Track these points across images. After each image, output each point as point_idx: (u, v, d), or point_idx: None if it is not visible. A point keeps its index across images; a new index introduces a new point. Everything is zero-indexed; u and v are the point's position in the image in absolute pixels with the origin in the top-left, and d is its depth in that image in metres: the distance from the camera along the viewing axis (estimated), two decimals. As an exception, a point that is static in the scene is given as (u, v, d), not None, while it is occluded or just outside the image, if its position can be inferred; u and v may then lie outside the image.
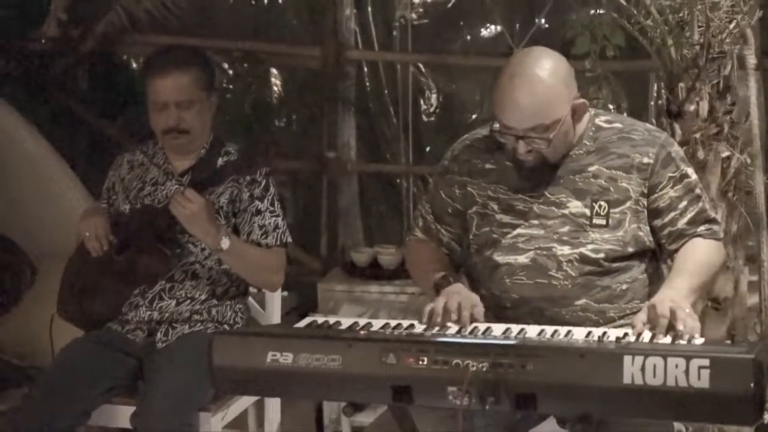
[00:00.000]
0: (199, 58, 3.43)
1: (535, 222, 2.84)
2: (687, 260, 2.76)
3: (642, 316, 2.55)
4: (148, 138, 3.58)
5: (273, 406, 3.66)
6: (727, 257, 3.11)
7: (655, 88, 4.98)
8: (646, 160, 2.82)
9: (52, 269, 3.75)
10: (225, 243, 3.24)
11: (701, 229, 2.83)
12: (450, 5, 5.37)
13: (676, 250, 2.82)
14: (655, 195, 2.82)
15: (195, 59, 3.40)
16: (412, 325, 2.65)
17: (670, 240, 2.83)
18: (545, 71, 2.73)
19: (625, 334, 2.49)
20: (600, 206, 2.81)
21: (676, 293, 2.60)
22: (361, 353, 2.39)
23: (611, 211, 2.81)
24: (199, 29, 5.32)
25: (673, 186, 2.83)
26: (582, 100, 2.79)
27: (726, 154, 3.44)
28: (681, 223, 2.83)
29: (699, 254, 2.79)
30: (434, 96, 5.45)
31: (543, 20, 5.01)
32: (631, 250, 2.82)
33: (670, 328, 2.47)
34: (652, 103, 4.96)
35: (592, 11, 4.31)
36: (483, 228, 2.90)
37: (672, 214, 2.83)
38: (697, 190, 2.87)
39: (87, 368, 3.28)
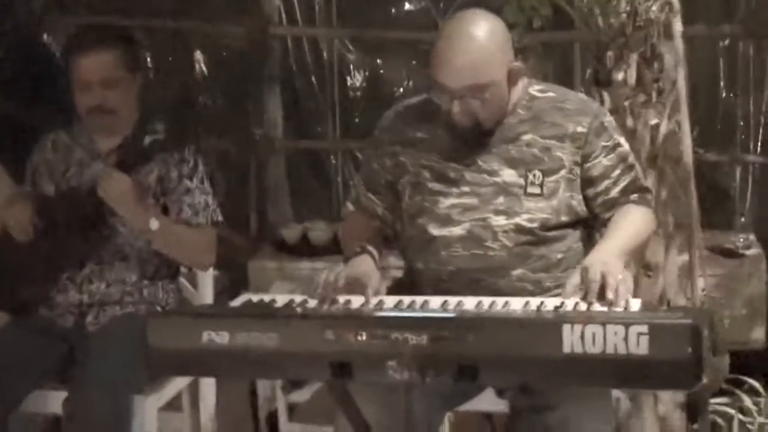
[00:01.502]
0: (122, 36, 3.38)
1: (467, 190, 2.84)
2: (618, 225, 2.78)
3: (574, 280, 2.55)
4: (67, 122, 3.51)
5: (208, 386, 3.62)
6: (657, 223, 3.13)
7: (580, 59, 5.01)
8: (579, 129, 2.83)
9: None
10: (154, 224, 3.19)
11: (633, 197, 2.85)
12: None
13: (609, 219, 2.83)
14: (589, 164, 2.83)
15: (118, 37, 3.35)
16: (348, 301, 2.63)
17: (603, 208, 2.85)
18: (482, 31, 2.73)
19: (563, 303, 2.49)
20: (534, 175, 2.81)
21: (608, 255, 2.59)
22: (298, 330, 2.36)
23: (546, 180, 2.81)
24: (122, 8, 5.22)
25: (606, 155, 2.84)
26: (518, 64, 2.80)
27: (655, 121, 3.46)
28: (614, 192, 2.84)
29: (630, 220, 2.80)
30: (360, 71, 5.43)
31: (468, -8, 5.00)
32: (564, 218, 2.83)
33: (602, 292, 2.47)
34: (578, 74, 5.00)
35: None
36: (415, 197, 2.89)
37: (605, 183, 2.84)
38: (630, 159, 2.88)
39: (16, 354, 3.21)
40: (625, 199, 2.84)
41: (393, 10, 5.36)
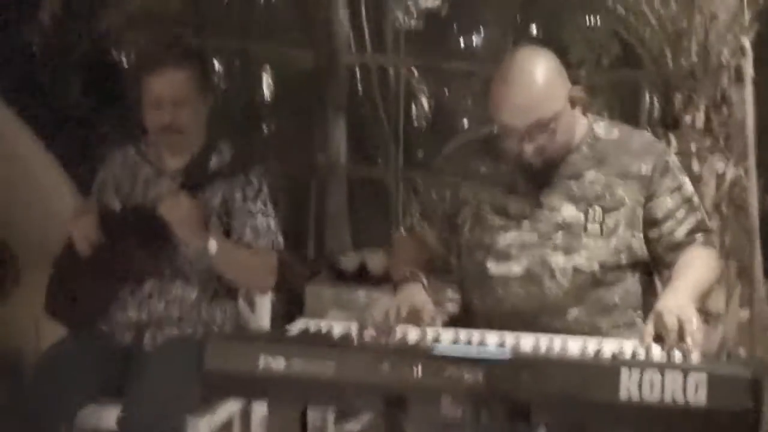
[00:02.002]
0: (194, 55, 3.39)
1: (527, 226, 2.82)
2: (687, 268, 2.74)
3: (649, 328, 2.51)
4: (141, 135, 3.55)
5: (259, 413, 3.62)
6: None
7: (647, 99, 4.98)
8: (643, 168, 2.81)
9: (40, 267, 3.71)
10: (213, 247, 3.21)
11: (699, 238, 2.82)
12: (444, 12, 5.37)
13: (673, 261, 2.80)
14: (652, 204, 2.81)
15: (191, 57, 3.36)
16: (405, 334, 2.62)
17: (667, 250, 2.81)
18: (536, 66, 2.73)
19: (621, 347, 2.46)
20: (595, 211, 2.80)
21: (680, 301, 2.56)
22: (355, 360, 2.36)
23: (605, 216, 2.79)
24: (192, 27, 5.29)
25: (670, 195, 2.81)
26: (577, 89, 2.79)
27: (721, 167, 3.43)
28: (678, 233, 2.81)
29: (699, 263, 2.77)
30: (426, 101, 5.44)
31: (537, 28, 5.01)
32: (623, 259, 2.80)
33: (677, 340, 2.45)
34: (645, 114, 4.97)
35: (589, 19, 4.29)
36: (474, 231, 2.89)
37: (669, 223, 2.81)
38: (695, 200, 2.86)
39: (73, 367, 3.22)
40: (689, 241, 2.81)
41: (461, 43, 5.37)
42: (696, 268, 2.74)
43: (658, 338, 2.49)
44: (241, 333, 3.18)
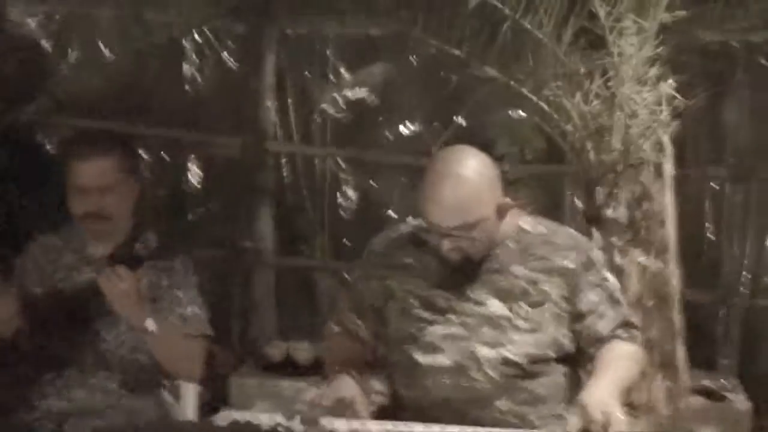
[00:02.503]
0: (122, 142, 3.40)
1: (455, 319, 2.85)
2: (610, 362, 2.77)
3: (575, 420, 2.53)
4: (62, 221, 3.52)
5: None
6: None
7: (569, 192, 5.06)
8: (567, 264, 2.85)
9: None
10: (151, 324, 3.18)
11: (621, 333, 2.86)
12: (371, 102, 5.42)
13: (595, 354, 2.83)
14: (576, 299, 2.85)
15: (117, 143, 3.36)
16: (332, 423, 2.61)
17: (589, 344, 2.85)
18: (470, 170, 2.77)
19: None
20: (521, 307, 2.83)
21: (604, 393, 2.59)
22: (282, 453, 2.35)
23: (531, 312, 2.82)
24: (117, 114, 5.27)
25: (593, 290, 2.86)
26: (507, 200, 2.83)
27: (643, 260, 3.49)
28: (601, 327, 2.84)
29: (620, 357, 2.80)
30: (353, 191, 5.47)
31: (462, 120, 5.08)
32: (550, 353, 2.83)
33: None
34: (567, 207, 5.04)
35: (512, 113, 4.38)
36: (402, 323, 2.90)
37: (591, 318, 2.85)
38: (617, 295, 2.90)
39: (-11, 460, 3.16)
40: (611, 335, 2.84)
41: (388, 134, 5.42)
42: (618, 362, 2.78)
43: (585, 431, 2.51)
44: (168, 424, 3.12)
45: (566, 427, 2.58)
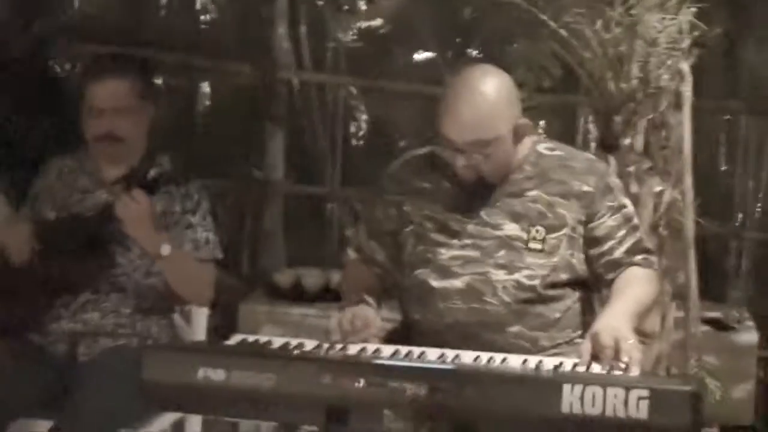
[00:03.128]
0: (137, 65, 3.39)
1: (469, 242, 2.84)
2: (625, 288, 2.77)
3: (587, 346, 2.54)
4: (72, 148, 3.50)
5: (193, 426, 3.58)
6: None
7: (582, 122, 5.04)
8: (585, 188, 2.84)
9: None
10: (165, 249, 3.18)
11: (638, 258, 2.85)
12: (384, 30, 5.38)
13: (613, 280, 2.82)
14: (593, 224, 2.84)
15: (134, 67, 3.35)
16: (345, 347, 2.61)
17: (606, 269, 2.84)
18: (489, 86, 2.76)
19: (561, 363, 2.47)
20: (537, 231, 2.82)
21: (617, 320, 2.59)
22: (296, 372, 2.35)
23: (548, 236, 2.81)
24: (131, 39, 5.23)
25: (611, 215, 2.84)
26: (524, 121, 2.81)
27: (659, 189, 3.48)
28: (618, 253, 2.83)
29: (637, 282, 2.80)
30: (365, 120, 5.44)
31: (477, 49, 5.04)
32: (564, 277, 2.82)
33: (614, 358, 2.47)
34: (579, 136, 5.03)
35: (529, 41, 4.33)
36: (417, 247, 2.89)
37: (610, 243, 2.84)
38: (635, 221, 2.89)
39: (3, 379, 3.16)
40: (629, 261, 2.84)
41: (401, 62, 5.38)
42: (634, 288, 2.77)
43: (596, 357, 2.51)
44: (180, 344, 3.14)
45: (579, 352, 2.57)
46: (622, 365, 2.42)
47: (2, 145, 5.29)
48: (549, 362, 2.48)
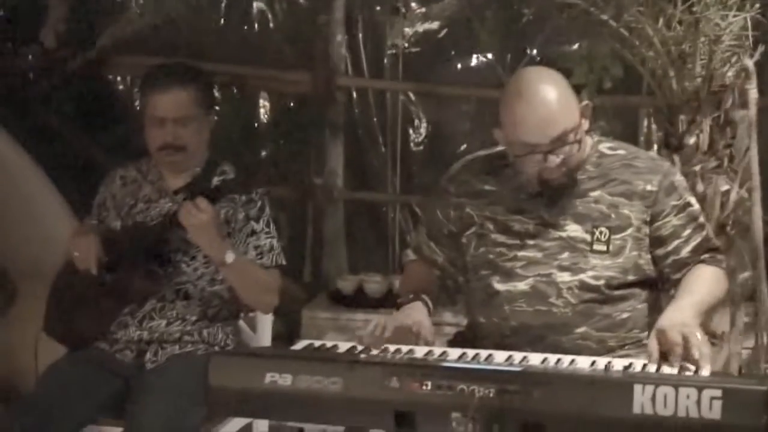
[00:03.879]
0: (198, 75, 3.39)
1: (532, 243, 2.81)
2: (691, 285, 2.74)
3: (654, 344, 2.50)
4: (134, 158, 3.54)
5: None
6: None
7: (645, 124, 4.98)
8: (649, 187, 2.81)
9: (34, 288, 3.68)
10: (230, 257, 3.19)
11: (705, 256, 2.81)
12: (442, 35, 5.37)
13: (680, 279, 2.79)
14: (658, 223, 2.80)
15: (195, 76, 3.36)
16: (412, 350, 2.60)
17: (673, 269, 2.81)
18: (549, 82, 2.75)
19: (631, 363, 2.44)
20: (601, 232, 2.79)
21: (684, 315, 2.56)
22: (363, 376, 2.35)
23: (612, 237, 2.78)
24: (188, 52, 5.27)
25: (676, 214, 2.81)
26: (585, 102, 2.80)
27: (725, 188, 3.43)
28: (685, 252, 2.80)
29: (703, 280, 2.76)
30: (423, 125, 5.43)
31: (535, 51, 5.01)
32: (631, 277, 2.79)
33: (684, 355, 2.43)
34: (642, 138, 4.97)
35: (589, 42, 4.30)
36: (480, 249, 2.88)
37: (676, 242, 2.80)
38: (701, 219, 2.85)
39: (73, 387, 3.19)
40: (695, 259, 2.80)
41: (459, 66, 5.37)
42: (700, 285, 2.74)
43: (664, 355, 2.48)
44: (246, 349, 3.15)
45: (647, 351, 2.54)
46: (693, 363, 2.39)
47: (66, 157, 5.37)
48: (619, 363, 2.45)
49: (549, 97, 2.71)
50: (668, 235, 2.80)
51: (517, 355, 2.55)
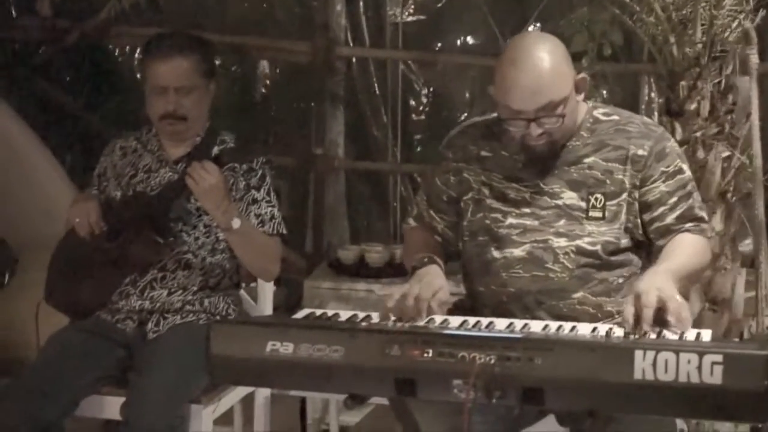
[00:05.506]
0: (200, 44, 3.37)
1: (528, 211, 2.81)
2: (673, 251, 2.72)
3: (630, 308, 2.47)
4: (133, 128, 3.52)
5: (263, 401, 3.60)
6: (724, 258, 3.08)
7: (646, 90, 4.97)
8: (640, 152, 2.79)
9: (35, 258, 3.68)
10: (236, 222, 3.18)
11: (689, 225, 2.79)
12: (442, 4, 5.35)
13: (663, 246, 2.77)
14: (646, 188, 2.79)
15: (196, 45, 3.34)
16: (413, 318, 2.60)
17: (657, 235, 2.79)
18: (545, 50, 2.72)
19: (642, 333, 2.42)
20: (597, 199, 2.78)
21: (660, 279, 2.52)
22: (364, 344, 2.34)
23: (607, 203, 2.78)
24: (186, 22, 5.25)
25: (665, 180, 2.79)
26: (582, 75, 2.78)
27: (726, 154, 3.42)
28: (669, 219, 2.79)
29: (685, 247, 2.74)
30: (424, 94, 5.42)
31: (537, 18, 4.99)
32: (625, 243, 2.79)
33: (659, 318, 2.42)
34: (643, 105, 4.96)
35: (590, 9, 4.28)
36: (477, 214, 2.87)
37: (661, 209, 2.79)
38: (689, 187, 2.83)
39: (75, 357, 3.20)
40: (679, 227, 2.78)
41: (459, 36, 5.35)
42: (680, 253, 2.71)
43: (638, 320, 2.45)
44: (248, 318, 3.15)
45: (622, 316, 2.52)
46: (673, 327, 2.38)
47: (66, 128, 5.36)
48: (620, 330, 2.45)
49: (540, 66, 2.69)
50: (654, 200, 2.79)
51: (518, 323, 2.55)
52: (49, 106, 5.36)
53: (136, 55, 5.37)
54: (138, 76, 4.14)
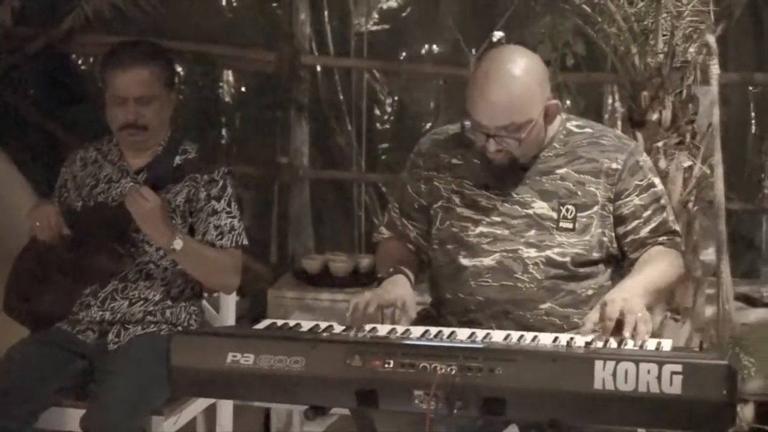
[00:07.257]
0: (160, 53, 3.35)
1: (498, 220, 2.81)
2: (645, 264, 2.75)
3: (593, 316, 2.50)
4: (95, 138, 3.51)
5: (225, 412, 3.58)
6: (686, 268, 3.09)
7: (610, 100, 4.98)
8: (614, 165, 2.81)
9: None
10: (178, 243, 3.17)
11: (662, 238, 2.82)
12: (406, 14, 5.35)
13: (638, 259, 2.80)
14: (621, 202, 2.81)
15: (156, 54, 3.33)
16: (374, 329, 2.60)
17: (632, 248, 2.82)
18: (520, 69, 2.69)
19: (593, 340, 2.45)
20: (567, 209, 2.79)
21: (629, 292, 2.55)
22: (325, 355, 2.34)
23: (578, 215, 2.78)
24: (151, 30, 5.22)
25: (639, 194, 2.81)
26: (555, 102, 2.77)
27: (687, 164, 3.44)
28: (643, 232, 2.81)
29: (657, 261, 2.77)
30: (389, 104, 5.41)
31: (500, 28, 4.99)
32: (596, 255, 2.80)
33: (619, 329, 2.43)
34: (607, 115, 4.97)
35: (552, 19, 4.30)
36: (445, 222, 2.87)
37: (635, 222, 2.81)
38: (663, 201, 2.85)
39: (34, 369, 3.18)
40: (653, 240, 2.81)
41: (424, 45, 5.35)
42: (653, 266, 2.74)
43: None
44: (209, 329, 3.13)
45: (582, 321, 2.53)
46: (628, 338, 2.39)
47: (29, 138, 5.31)
48: (581, 339, 2.45)
49: (510, 85, 2.68)
50: (629, 214, 2.81)
51: (480, 332, 2.55)
52: (11, 116, 5.31)
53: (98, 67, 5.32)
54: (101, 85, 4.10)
